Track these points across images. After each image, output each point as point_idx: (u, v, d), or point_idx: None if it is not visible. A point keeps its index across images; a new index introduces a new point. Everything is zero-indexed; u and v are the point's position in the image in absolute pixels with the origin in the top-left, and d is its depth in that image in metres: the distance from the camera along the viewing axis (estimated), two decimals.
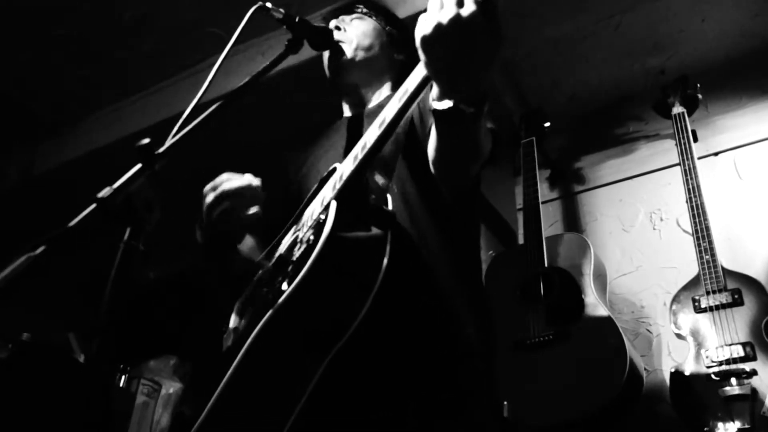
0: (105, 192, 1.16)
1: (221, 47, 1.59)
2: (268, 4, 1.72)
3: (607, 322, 2.66)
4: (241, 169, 3.88)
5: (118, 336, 1.15)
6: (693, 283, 2.76)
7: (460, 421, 1.60)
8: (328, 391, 1.42)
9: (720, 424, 2.37)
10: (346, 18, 2.11)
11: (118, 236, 1.18)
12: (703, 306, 2.66)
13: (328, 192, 1.59)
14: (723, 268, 2.70)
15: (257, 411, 1.45)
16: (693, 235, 2.82)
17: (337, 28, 2.05)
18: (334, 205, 1.48)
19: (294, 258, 1.52)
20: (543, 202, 3.35)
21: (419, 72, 1.41)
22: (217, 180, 1.78)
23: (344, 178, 1.53)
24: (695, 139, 3.09)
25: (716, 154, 3.34)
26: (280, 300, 1.37)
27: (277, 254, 1.71)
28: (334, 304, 1.42)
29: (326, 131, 2.15)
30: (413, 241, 1.70)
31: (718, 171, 3.30)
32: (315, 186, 1.76)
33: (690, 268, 2.85)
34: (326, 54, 2.08)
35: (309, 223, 1.59)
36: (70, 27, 3.40)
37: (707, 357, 2.53)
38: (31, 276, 1.02)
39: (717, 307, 2.62)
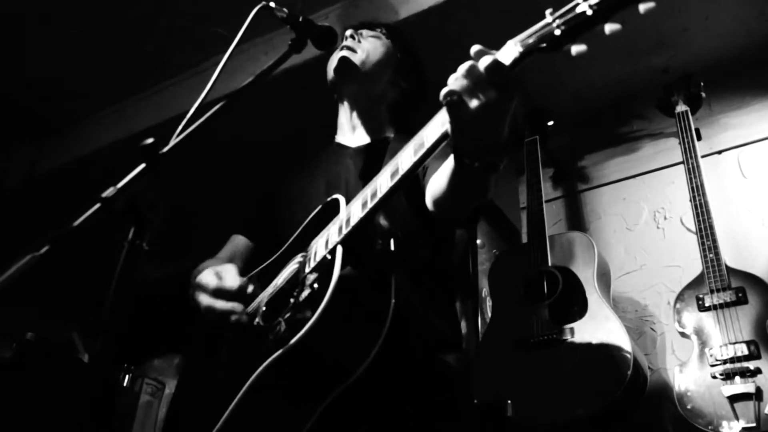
0: (109, 192, 1.16)
1: (225, 47, 1.59)
2: (272, 4, 1.72)
3: (610, 321, 2.66)
4: (242, 168, 3.88)
5: (121, 335, 1.15)
6: (697, 282, 2.76)
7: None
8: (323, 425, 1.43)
9: (724, 423, 2.37)
10: (365, 32, 2.19)
11: (122, 236, 1.18)
12: (707, 304, 2.66)
13: (333, 233, 1.56)
14: (727, 267, 2.70)
15: None
16: (697, 233, 2.81)
17: (353, 36, 2.13)
18: (340, 250, 1.48)
19: (297, 300, 1.51)
20: (546, 201, 3.34)
21: (438, 127, 1.35)
22: (226, 284, 1.64)
23: (352, 224, 1.51)
24: (699, 138, 3.09)
25: (720, 152, 3.34)
26: (284, 348, 1.37)
27: (274, 286, 1.71)
28: (340, 350, 1.42)
29: (319, 157, 2.19)
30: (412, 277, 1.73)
31: (721, 169, 3.29)
32: (314, 212, 1.77)
33: (694, 266, 2.85)
34: (334, 57, 2.12)
35: (312, 263, 1.58)
36: (73, 27, 3.40)
37: (711, 355, 2.53)
38: (35, 275, 1.02)
39: (721, 306, 2.62)
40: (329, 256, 1.50)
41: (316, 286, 1.47)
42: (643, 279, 3.25)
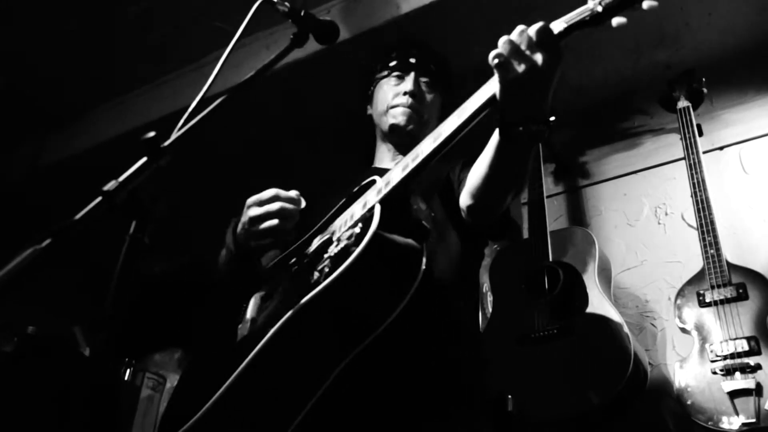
0: (110, 185, 1.17)
1: (226, 41, 1.59)
2: None
3: (611, 317, 2.66)
4: (244, 164, 3.88)
5: (123, 329, 1.16)
6: (698, 278, 2.76)
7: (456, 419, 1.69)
8: (340, 394, 1.46)
9: (724, 419, 2.37)
10: (428, 86, 2.27)
11: (123, 229, 1.18)
12: (707, 300, 2.66)
13: (371, 197, 1.63)
14: (728, 263, 2.70)
15: (269, 401, 1.48)
16: (698, 229, 2.81)
17: (419, 90, 2.21)
18: (378, 208, 1.53)
19: (330, 254, 1.55)
20: (548, 197, 3.35)
21: (482, 95, 1.44)
22: (265, 195, 1.74)
23: (392, 184, 1.58)
24: (700, 134, 3.08)
25: (721, 148, 3.33)
26: (317, 289, 1.40)
27: (304, 254, 1.75)
28: (368, 302, 1.45)
29: (354, 179, 2.22)
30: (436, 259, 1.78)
31: (723, 165, 3.29)
32: (344, 200, 1.83)
33: (695, 262, 2.85)
34: (400, 115, 2.18)
35: (348, 225, 1.63)
36: (75, 21, 3.40)
37: (712, 351, 2.53)
38: (36, 269, 1.02)
39: (722, 302, 2.62)
40: (367, 214, 1.55)
41: (353, 237, 1.51)
42: (644, 275, 3.25)
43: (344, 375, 1.44)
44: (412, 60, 2.28)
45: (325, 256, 1.57)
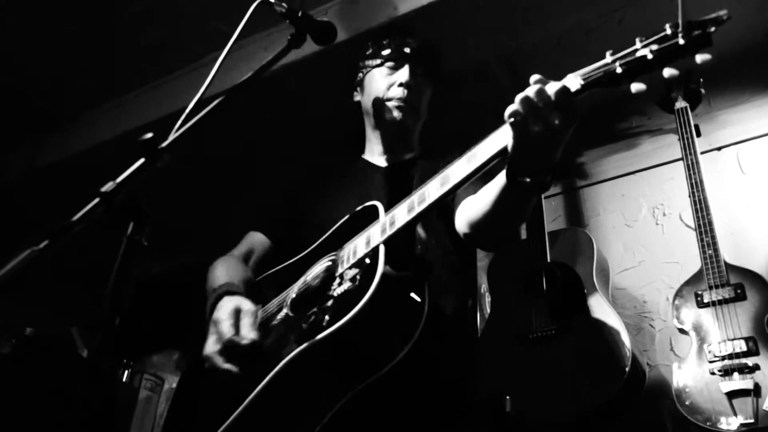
0: (108, 186, 1.16)
1: (224, 42, 1.60)
2: None
3: (609, 317, 2.67)
4: (242, 165, 3.86)
5: (121, 331, 1.16)
6: (696, 278, 2.76)
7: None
8: (344, 420, 1.49)
9: (722, 419, 2.37)
10: (423, 77, 2.25)
11: (121, 230, 1.18)
12: (705, 301, 2.66)
13: (375, 234, 1.61)
14: (726, 263, 2.70)
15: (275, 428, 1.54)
16: (696, 229, 2.81)
17: (408, 86, 2.17)
18: (383, 249, 1.54)
19: (333, 294, 1.57)
20: (546, 197, 3.35)
21: (495, 142, 1.43)
22: (241, 337, 1.57)
23: (397, 225, 1.56)
24: (698, 134, 3.08)
25: (719, 148, 3.34)
26: (323, 333, 1.43)
27: (304, 281, 1.75)
28: (374, 344, 1.48)
29: (348, 172, 2.23)
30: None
31: (721, 166, 3.29)
32: (344, 219, 1.83)
33: (693, 263, 2.85)
34: (396, 110, 2.16)
35: (351, 260, 1.63)
36: (73, 21, 3.39)
37: (710, 352, 2.53)
38: (34, 270, 1.02)
39: (720, 302, 2.62)
40: (371, 254, 1.56)
41: (357, 279, 1.53)
42: (642, 275, 3.26)
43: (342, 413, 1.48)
44: (407, 50, 2.23)
45: (329, 293, 1.59)
